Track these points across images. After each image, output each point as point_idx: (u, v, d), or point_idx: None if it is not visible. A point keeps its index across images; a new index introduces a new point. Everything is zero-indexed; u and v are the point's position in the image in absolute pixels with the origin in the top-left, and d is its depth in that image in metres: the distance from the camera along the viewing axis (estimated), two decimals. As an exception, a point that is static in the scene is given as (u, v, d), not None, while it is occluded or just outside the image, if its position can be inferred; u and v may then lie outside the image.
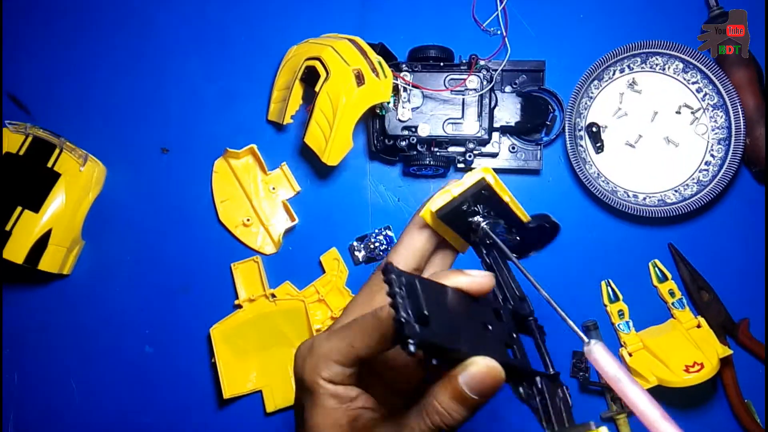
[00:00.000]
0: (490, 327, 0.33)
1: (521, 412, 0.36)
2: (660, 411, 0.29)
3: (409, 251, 0.38)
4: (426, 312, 0.29)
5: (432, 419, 0.32)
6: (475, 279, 0.34)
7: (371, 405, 0.35)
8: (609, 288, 0.72)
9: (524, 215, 0.39)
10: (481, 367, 0.31)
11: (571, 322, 0.34)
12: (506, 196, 0.38)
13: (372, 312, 0.33)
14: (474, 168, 0.37)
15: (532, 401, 0.33)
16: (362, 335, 0.33)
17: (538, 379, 0.34)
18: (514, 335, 0.35)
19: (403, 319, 0.28)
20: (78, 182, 0.72)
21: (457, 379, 0.31)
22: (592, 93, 0.72)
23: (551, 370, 0.35)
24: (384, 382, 0.38)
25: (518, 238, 0.39)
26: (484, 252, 0.38)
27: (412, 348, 0.27)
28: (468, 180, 0.36)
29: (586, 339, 0.33)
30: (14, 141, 0.69)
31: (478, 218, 0.37)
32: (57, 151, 0.71)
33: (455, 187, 0.37)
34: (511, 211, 0.38)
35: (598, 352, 0.31)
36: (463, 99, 0.68)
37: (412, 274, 0.30)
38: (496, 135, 0.71)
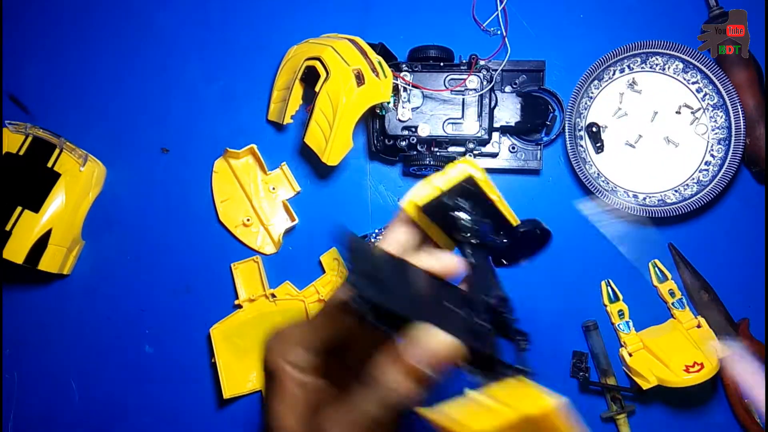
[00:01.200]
0: (461, 312, 0.32)
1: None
2: None
3: (392, 246, 0.36)
4: (378, 275, 0.28)
5: (383, 397, 0.29)
6: (441, 259, 0.34)
7: (333, 393, 0.34)
8: (609, 288, 0.72)
9: (513, 218, 0.37)
10: (431, 337, 0.28)
11: None
12: (494, 194, 0.36)
13: (335, 297, 0.33)
14: (458, 160, 0.35)
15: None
16: (326, 320, 0.33)
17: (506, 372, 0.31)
18: (489, 327, 0.32)
19: (351, 279, 0.28)
20: (78, 182, 0.72)
21: (407, 353, 0.28)
22: (592, 93, 0.72)
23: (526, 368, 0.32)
24: (344, 364, 0.36)
25: (505, 240, 0.37)
26: (469, 252, 0.36)
27: (355, 304, 0.27)
28: (452, 171, 0.34)
29: (725, 349, 0.30)
30: (14, 141, 0.70)
31: (461, 213, 0.35)
32: (57, 151, 0.71)
33: (438, 178, 0.35)
34: (498, 211, 0.36)
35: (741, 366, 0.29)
36: (463, 99, 0.68)
37: (369, 244, 0.30)
38: (496, 135, 0.71)
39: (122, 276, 0.75)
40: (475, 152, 0.70)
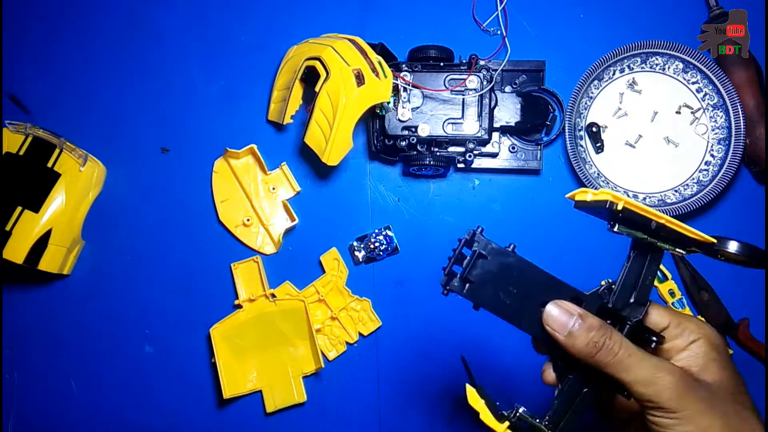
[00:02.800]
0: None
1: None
2: None
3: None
4: (470, 277, 0.41)
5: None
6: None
7: None
8: (609, 288, 0.71)
9: (699, 234, 0.40)
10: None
11: None
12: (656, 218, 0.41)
13: None
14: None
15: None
16: None
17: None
18: None
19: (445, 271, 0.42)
20: (78, 182, 0.72)
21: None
22: (592, 93, 0.72)
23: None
24: None
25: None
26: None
27: (445, 290, 0.42)
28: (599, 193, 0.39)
29: None
30: (14, 141, 0.70)
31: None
32: (57, 151, 0.71)
33: (589, 193, 0.41)
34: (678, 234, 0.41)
35: None
36: (463, 99, 0.68)
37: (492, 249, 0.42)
38: (496, 135, 0.71)
39: (122, 276, 0.75)
40: (475, 152, 0.70)
